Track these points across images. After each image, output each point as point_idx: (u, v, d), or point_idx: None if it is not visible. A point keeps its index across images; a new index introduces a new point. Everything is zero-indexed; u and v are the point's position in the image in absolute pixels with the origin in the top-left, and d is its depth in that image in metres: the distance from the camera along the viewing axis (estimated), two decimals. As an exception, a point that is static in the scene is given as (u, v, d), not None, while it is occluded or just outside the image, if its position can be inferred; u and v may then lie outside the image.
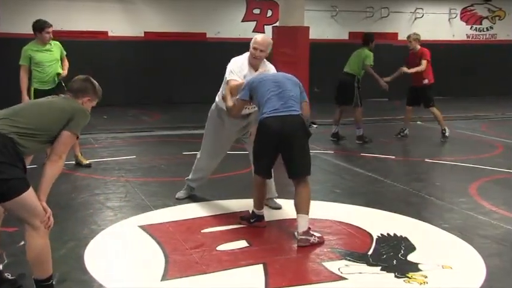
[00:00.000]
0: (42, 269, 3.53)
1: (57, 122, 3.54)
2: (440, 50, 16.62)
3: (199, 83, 14.21)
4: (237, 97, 5.03)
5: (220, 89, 5.52)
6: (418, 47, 9.81)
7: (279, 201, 5.66)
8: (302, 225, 4.63)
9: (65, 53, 7.58)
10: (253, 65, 5.29)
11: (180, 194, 6.00)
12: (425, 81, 9.79)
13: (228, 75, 5.28)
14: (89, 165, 7.48)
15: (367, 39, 9.83)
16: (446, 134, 9.83)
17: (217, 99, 5.60)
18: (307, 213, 4.67)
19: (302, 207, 4.66)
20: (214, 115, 5.64)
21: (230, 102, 5.08)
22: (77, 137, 3.67)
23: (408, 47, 9.90)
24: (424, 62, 9.62)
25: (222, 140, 5.66)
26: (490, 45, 17.77)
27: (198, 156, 5.90)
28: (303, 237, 4.60)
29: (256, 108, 5.12)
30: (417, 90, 9.89)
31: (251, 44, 5.27)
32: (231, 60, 5.43)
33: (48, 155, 3.59)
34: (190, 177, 5.98)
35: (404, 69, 9.64)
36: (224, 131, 5.57)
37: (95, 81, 3.86)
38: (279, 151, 4.76)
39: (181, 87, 14.53)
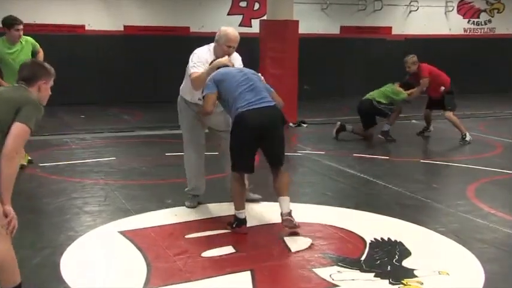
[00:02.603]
0: (7, 278, 3.40)
1: (5, 114, 3.41)
2: (436, 45, 16.77)
3: (182, 80, 14.18)
4: (203, 93, 5.15)
5: (184, 82, 5.71)
6: (416, 67, 9.80)
7: (270, 204, 5.65)
8: (286, 207, 4.93)
9: (38, 46, 7.50)
10: (220, 58, 5.35)
11: (189, 203, 5.84)
12: (442, 88, 9.79)
13: (191, 68, 5.36)
14: (30, 161, 7.42)
15: (407, 85, 9.92)
16: (467, 138, 9.67)
17: (181, 92, 5.76)
18: (288, 196, 4.99)
19: (284, 190, 4.98)
20: (184, 107, 5.73)
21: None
22: (31, 131, 3.48)
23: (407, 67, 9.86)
24: (424, 81, 9.68)
25: (200, 129, 5.76)
26: (489, 39, 17.90)
27: (186, 158, 5.86)
28: (288, 217, 4.89)
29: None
30: (438, 99, 9.92)
31: (222, 41, 5.33)
32: (194, 52, 5.48)
33: (2, 153, 3.39)
34: (188, 188, 5.89)
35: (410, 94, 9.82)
36: (198, 120, 5.66)
37: (42, 62, 3.83)
38: (260, 143, 4.96)
39: (163, 85, 14.44)
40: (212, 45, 5.52)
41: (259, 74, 5.30)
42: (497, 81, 17.05)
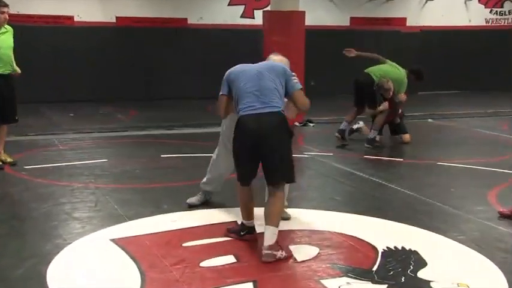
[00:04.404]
0: None
1: None
2: (454, 38, 16.75)
3: (180, 76, 14.21)
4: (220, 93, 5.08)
5: None
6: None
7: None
8: (269, 238, 4.65)
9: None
10: None
11: (193, 199, 5.99)
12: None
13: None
14: (13, 164, 7.48)
15: (417, 73, 9.83)
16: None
17: None
18: (277, 226, 4.71)
19: (271, 219, 4.70)
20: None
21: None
22: None
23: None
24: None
25: None
26: (513, 31, 17.85)
27: (215, 154, 5.89)
28: (269, 251, 4.61)
29: None
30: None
31: None
32: None
33: None
34: (205, 179, 5.98)
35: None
36: None
37: None
38: (258, 154, 4.78)
39: (159, 81, 14.52)
40: None
41: (283, 68, 4.99)
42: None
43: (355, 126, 9.78)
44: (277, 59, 5.25)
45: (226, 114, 5.17)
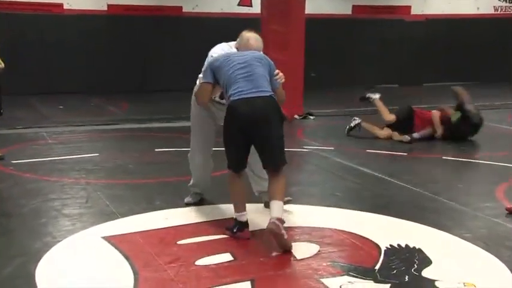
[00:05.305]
0: None
1: None
2: (461, 27, 16.74)
3: (174, 66, 14.20)
4: (201, 81, 5.24)
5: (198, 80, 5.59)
6: None
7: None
8: (276, 211, 4.77)
9: None
10: None
11: (189, 198, 6.01)
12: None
13: (202, 74, 5.32)
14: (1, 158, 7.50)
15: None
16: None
17: (195, 89, 5.66)
18: (282, 200, 4.87)
19: (277, 194, 4.86)
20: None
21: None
22: None
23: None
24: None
25: (212, 129, 5.76)
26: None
27: (190, 157, 5.91)
28: (276, 222, 4.67)
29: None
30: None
31: (242, 50, 5.27)
32: (212, 51, 5.44)
33: None
34: (191, 182, 6.00)
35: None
36: (213, 119, 5.68)
37: None
38: (250, 139, 4.94)
39: (152, 72, 14.51)
40: (233, 44, 5.47)
41: (269, 61, 5.17)
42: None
43: (352, 123, 9.79)
44: (251, 36, 5.34)
45: (207, 102, 5.32)
